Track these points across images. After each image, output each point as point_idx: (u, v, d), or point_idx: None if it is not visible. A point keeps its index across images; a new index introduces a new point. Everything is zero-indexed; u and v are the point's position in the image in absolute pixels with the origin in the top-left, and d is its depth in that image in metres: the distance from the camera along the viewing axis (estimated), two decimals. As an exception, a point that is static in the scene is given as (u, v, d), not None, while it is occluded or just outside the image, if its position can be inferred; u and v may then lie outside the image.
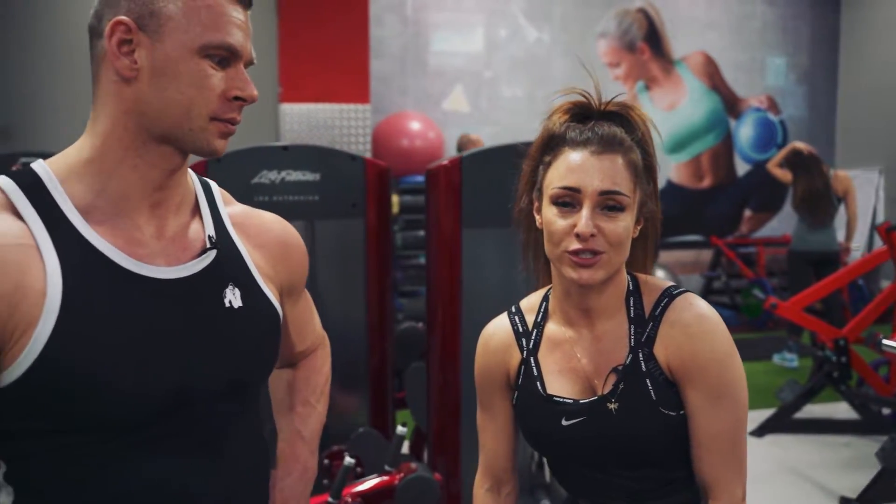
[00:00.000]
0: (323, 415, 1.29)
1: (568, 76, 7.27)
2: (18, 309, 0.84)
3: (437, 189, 2.43)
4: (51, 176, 0.92)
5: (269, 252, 1.10)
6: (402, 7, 6.89)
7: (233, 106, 0.94)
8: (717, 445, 1.13)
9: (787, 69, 7.84)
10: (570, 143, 1.14)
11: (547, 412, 1.18)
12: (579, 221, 1.08)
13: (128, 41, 0.90)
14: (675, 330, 1.14)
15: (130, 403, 0.89)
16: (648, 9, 7.41)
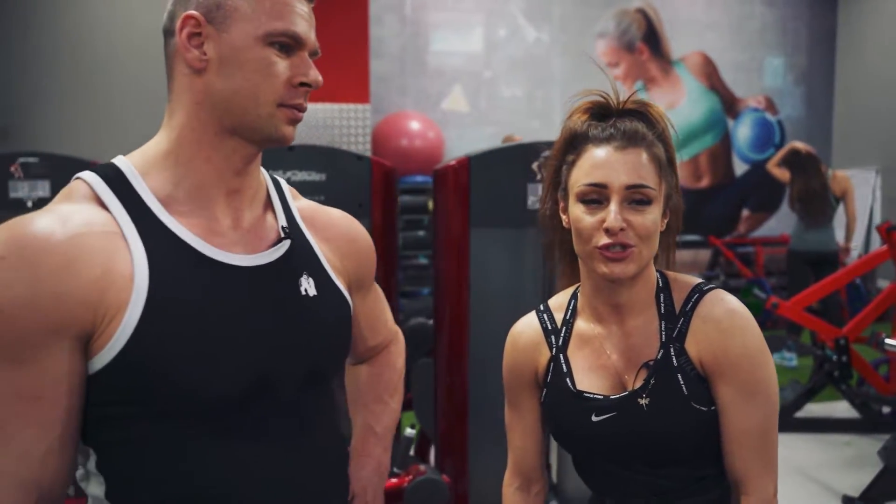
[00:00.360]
0: (397, 411, 1.30)
1: (567, 76, 7.29)
2: (108, 294, 0.86)
3: (446, 189, 2.43)
4: (132, 169, 0.95)
5: (336, 246, 1.13)
6: (401, 7, 6.88)
7: (298, 92, 0.96)
8: (748, 441, 1.13)
9: (784, 70, 7.87)
10: (594, 140, 1.14)
11: (577, 408, 1.18)
12: (608, 216, 1.09)
13: (197, 34, 0.93)
14: (707, 325, 1.14)
15: (218, 387, 0.91)
16: (647, 9, 7.43)
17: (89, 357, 0.87)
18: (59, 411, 0.86)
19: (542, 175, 1.30)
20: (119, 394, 0.89)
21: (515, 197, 2.46)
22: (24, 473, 0.85)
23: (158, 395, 0.89)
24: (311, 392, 1.03)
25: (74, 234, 0.86)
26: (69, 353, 0.86)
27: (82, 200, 0.91)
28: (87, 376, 0.88)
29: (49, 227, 0.85)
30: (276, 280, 1.00)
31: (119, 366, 0.87)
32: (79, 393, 0.88)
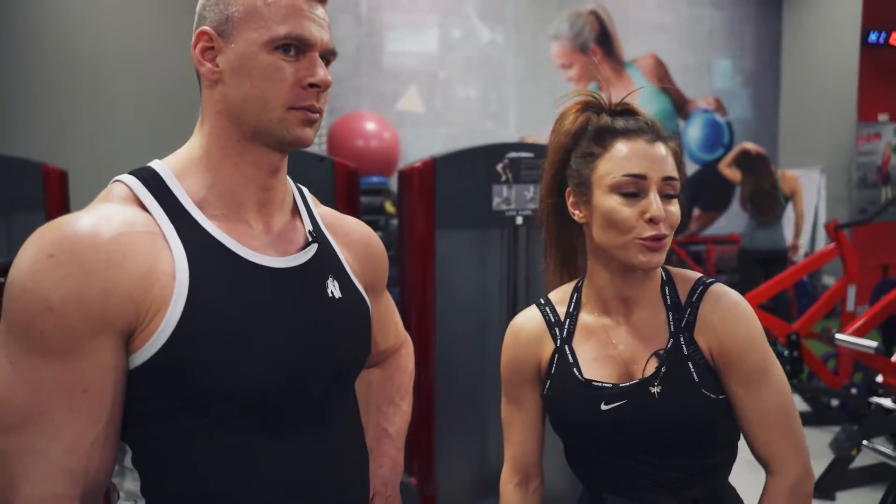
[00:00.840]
0: (408, 413, 1.33)
1: (521, 77, 7.33)
2: (152, 290, 0.90)
3: (411, 190, 2.43)
4: (168, 172, 0.99)
5: (354, 251, 1.17)
6: (356, 7, 6.84)
7: (309, 93, 0.98)
8: (769, 422, 1.17)
9: (732, 72, 8.04)
10: (624, 132, 1.16)
11: (584, 397, 1.19)
12: (650, 207, 1.12)
13: (210, 48, 0.98)
14: (715, 315, 1.18)
15: (254, 385, 0.94)
16: (600, 11, 7.52)
17: (130, 353, 0.91)
18: (106, 404, 0.89)
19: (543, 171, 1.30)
20: (157, 390, 0.92)
21: (480, 198, 2.47)
22: (72, 463, 0.88)
23: (195, 393, 0.92)
24: (336, 392, 1.07)
25: (120, 232, 0.90)
26: (114, 348, 0.89)
27: (122, 202, 0.95)
28: (126, 371, 0.92)
29: (95, 226, 0.89)
30: (305, 282, 1.04)
31: (159, 362, 0.90)
32: (122, 387, 0.91)
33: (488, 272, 2.58)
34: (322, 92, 0.99)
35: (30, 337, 0.86)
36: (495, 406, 2.63)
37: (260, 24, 0.95)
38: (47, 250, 0.86)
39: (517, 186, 2.49)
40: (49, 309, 0.85)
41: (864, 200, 7.40)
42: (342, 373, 1.08)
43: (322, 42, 0.99)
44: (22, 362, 0.86)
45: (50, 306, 0.85)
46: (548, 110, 6.65)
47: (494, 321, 2.61)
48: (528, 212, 2.52)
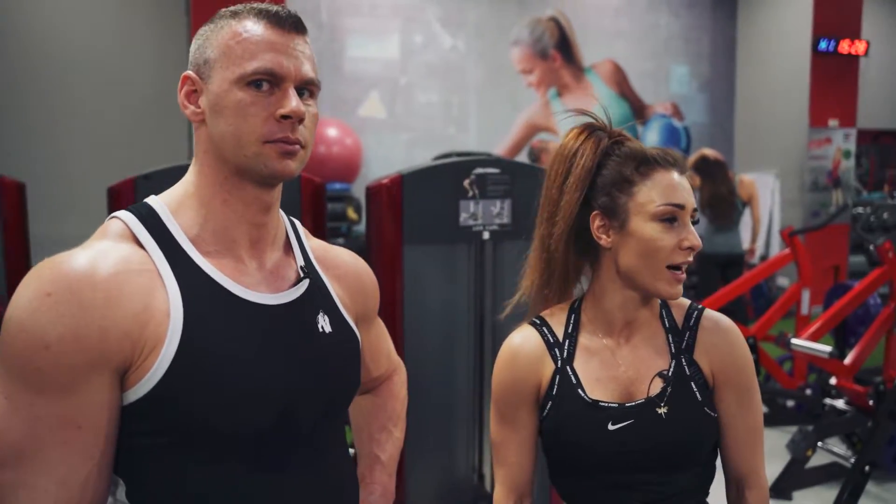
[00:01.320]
0: (400, 440, 1.35)
1: (482, 83, 7.38)
2: (147, 328, 0.91)
3: (379, 206, 2.44)
4: (164, 208, 1.01)
5: (345, 283, 1.19)
6: (316, 12, 6.82)
7: (283, 125, 0.98)
8: (752, 438, 1.26)
9: (689, 77, 8.19)
10: (662, 163, 1.21)
11: (591, 418, 1.20)
12: (689, 236, 1.19)
13: (194, 91, 1.01)
14: (715, 337, 1.26)
15: (247, 421, 0.96)
16: (560, 17, 7.60)
17: (124, 389, 0.92)
18: (99, 440, 0.91)
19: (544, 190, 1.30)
20: (151, 425, 0.93)
21: (448, 214, 2.49)
22: (65, 498, 0.89)
23: (189, 429, 0.93)
24: (326, 425, 1.08)
25: (116, 270, 0.91)
26: (109, 385, 0.90)
27: (119, 238, 0.96)
28: (121, 407, 0.93)
29: (92, 264, 0.91)
30: (297, 318, 1.05)
31: (153, 399, 0.91)
32: (116, 423, 0.92)
33: (456, 287, 2.60)
34: (297, 123, 0.98)
35: (26, 374, 0.87)
36: (464, 419, 2.66)
37: (232, 62, 0.97)
38: (45, 288, 0.88)
39: (484, 202, 2.51)
40: (46, 347, 0.86)
41: (815, 203, 7.62)
42: (332, 407, 1.10)
43: (296, 73, 0.98)
44: (18, 398, 0.87)
45: (47, 344, 0.86)
46: (508, 115, 6.72)
47: (462, 335, 2.63)
48: (495, 227, 2.55)
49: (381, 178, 2.46)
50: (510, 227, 2.56)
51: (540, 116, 7.62)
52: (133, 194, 2.49)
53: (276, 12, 1.00)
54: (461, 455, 2.68)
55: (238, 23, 0.99)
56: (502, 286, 2.63)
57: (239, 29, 0.98)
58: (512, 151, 7.48)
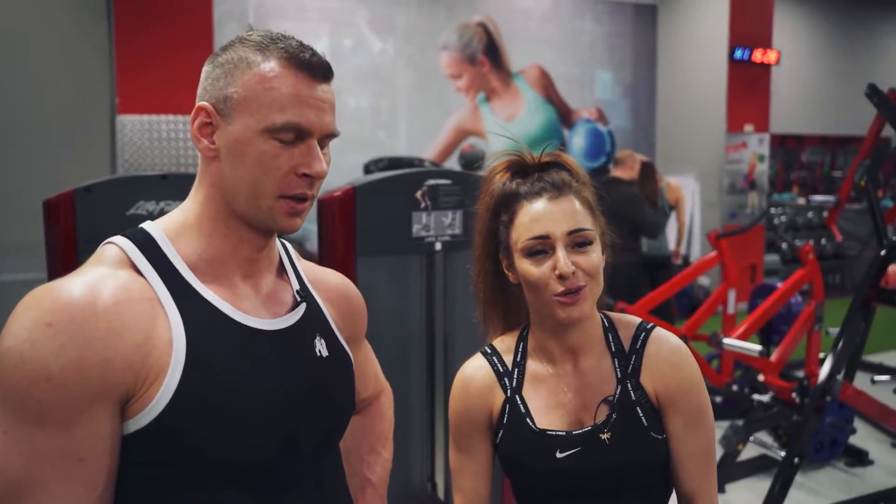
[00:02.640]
0: (389, 461, 1.35)
1: (412, 87, 7.38)
2: (149, 358, 0.89)
3: (332, 218, 2.42)
4: (161, 235, 0.98)
5: (336, 306, 1.18)
6: (243, 15, 6.68)
7: (301, 182, 0.97)
8: (700, 460, 1.24)
9: (613, 83, 8.40)
10: (526, 196, 1.21)
11: (540, 446, 1.22)
12: (558, 263, 1.15)
13: (209, 123, 0.97)
14: (659, 361, 1.24)
15: (251, 450, 0.95)
16: (488, 23, 7.67)
17: (124, 419, 0.90)
18: (102, 472, 0.88)
19: (477, 227, 1.33)
20: (152, 456, 0.91)
21: (401, 225, 2.49)
22: None
23: (191, 459, 0.92)
24: (325, 451, 1.08)
25: (117, 299, 0.89)
26: (111, 416, 0.88)
27: (116, 265, 0.93)
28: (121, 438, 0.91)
29: (92, 293, 0.88)
30: (296, 343, 1.05)
31: (155, 429, 0.89)
32: (118, 454, 0.90)
33: (408, 298, 2.61)
34: (316, 181, 0.99)
35: (26, 406, 0.84)
36: (417, 428, 2.67)
37: (258, 109, 0.94)
38: (45, 318, 0.85)
39: (436, 213, 2.53)
40: (48, 379, 0.84)
41: (733, 205, 7.95)
42: (332, 432, 1.10)
43: (321, 127, 0.97)
44: (16, 432, 0.84)
45: (49, 376, 0.84)
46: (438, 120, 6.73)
47: (414, 346, 2.64)
48: (447, 237, 2.56)
49: (333, 190, 2.44)
50: (462, 238, 2.58)
51: (469, 121, 7.68)
52: (72, 207, 2.39)
53: (308, 60, 0.98)
54: (415, 464, 2.69)
55: (266, 63, 0.95)
56: (453, 297, 2.65)
57: (268, 73, 0.95)
58: (442, 155, 7.52)
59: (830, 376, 3.24)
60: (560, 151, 1.30)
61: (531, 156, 1.27)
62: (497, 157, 1.30)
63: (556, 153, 1.28)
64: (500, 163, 1.29)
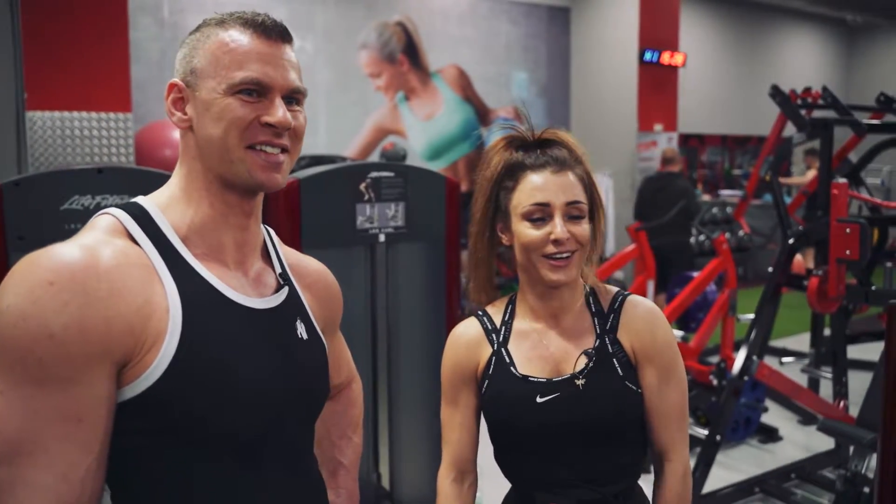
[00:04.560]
0: (359, 445, 1.39)
1: (331, 86, 7.36)
2: (149, 322, 0.90)
3: (276, 211, 2.41)
4: (154, 208, 1.00)
5: (314, 292, 1.21)
6: (157, 9, 6.50)
7: (266, 131, 1.00)
8: (674, 414, 1.36)
9: (528, 83, 8.60)
10: (531, 167, 1.32)
11: (521, 392, 1.32)
12: (555, 229, 1.28)
13: (180, 98, 1.02)
14: (636, 319, 1.36)
15: (242, 422, 0.97)
16: (406, 22, 7.72)
17: (120, 385, 0.90)
18: (99, 433, 0.89)
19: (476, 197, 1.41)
20: (144, 424, 0.91)
21: (345, 217, 2.50)
22: (66, 494, 0.86)
23: (186, 428, 0.93)
24: (305, 429, 1.12)
25: (117, 262, 0.90)
26: (109, 378, 0.89)
27: (113, 234, 0.95)
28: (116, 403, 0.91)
29: (92, 255, 0.89)
30: (280, 324, 1.08)
31: (152, 395, 0.90)
32: (112, 419, 0.90)
33: (353, 290, 2.62)
34: (282, 132, 1.00)
35: (26, 364, 0.84)
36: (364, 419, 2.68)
37: (219, 71, 0.98)
38: (46, 277, 0.85)
39: (379, 205, 2.55)
40: (50, 336, 0.84)
41: (644, 201, 8.26)
42: (311, 412, 1.14)
43: (283, 82, 1.00)
44: (15, 391, 0.84)
45: (51, 333, 0.84)
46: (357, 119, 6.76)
47: (359, 337, 2.66)
48: (390, 229, 2.59)
49: (278, 183, 2.43)
50: (405, 230, 2.62)
51: (389, 120, 7.71)
52: (1, 202, 2.29)
53: (263, 21, 1.02)
54: (361, 455, 2.70)
55: (225, 32, 1.00)
56: (397, 289, 2.69)
57: (226, 38, 1.00)
58: (362, 154, 7.52)
59: (748, 357, 3.44)
60: (559, 130, 1.40)
61: (531, 133, 1.38)
62: (499, 132, 1.41)
63: (554, 131, 1.39)
64: (502, 137, 1.39)
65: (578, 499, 1.31)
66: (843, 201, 3.43)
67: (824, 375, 4.34)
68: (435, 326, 2.73)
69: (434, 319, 2.75)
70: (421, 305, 2.75)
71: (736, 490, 3.68)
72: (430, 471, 2.84)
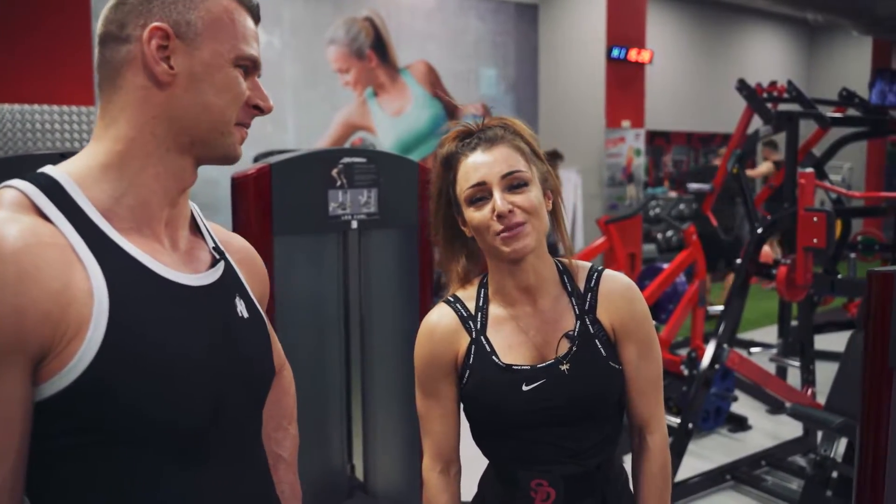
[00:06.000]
0: (297, 437, 1.30)
1: (299, 81, 7.29)
2: (69, 309, 0.80)
3: (246, 197, 2.37)
4: (68, 180, 0.87)
5: (245, 268, 1.12)
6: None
7: (250, 113, 0.99)
8: (651, 387, 1.36)
9: (497, 80, 8.61)
10: (463, 152, 1.31)
11: (506, 382, 1.29)
12: (495, 204, 1.24)
13: (163, 47, 0.91)
14: (614, 296, 1.34)
15: (185, 407, 0.88)
16: (374, 18, 7.68)
17: (38, 382, 0.80)
18: (14, 440, 0.78)
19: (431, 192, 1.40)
20: (70, 423, 0.81)
21: (317, 203, 2.47)
22: None
23: (116, 424, 0.83)
24: (251, 415, 1.04)
25: (27, 243, 0.78)
26: (23, 375, 0.78)
27: (19, 210, 0.82)
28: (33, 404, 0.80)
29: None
30: (218, 301, 0.99)
31: (78, 390, 0.80)
32: (30, 421, 0.80)
33: (325, 277, 2.59)
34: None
35: None
36: (335, 410, 2.65)
37: (227, 38, 0.94)
38: None
39: (352, 191, 2.52)
40: None
41: (613, 197, 8.31)
42: (257, 395, 1.05)
43: (261, 65, 1.02)
44: None
45: None
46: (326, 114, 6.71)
47: (331, 326, 2.62)
48: (363, 216, 2.57)
49: (248, 169, 2.39)
50: (377, 216, 2.59)
51: (357, 115, 7.66)
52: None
53: (256, 5, 1.02)
54: (335, 446, 2.67)
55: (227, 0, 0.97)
56: (369, 276, 2.66)
57: (230, 7, 0.96)
58: (331, 150, 7.46)
59: (719, 345, 3.47)
60: (503, 116, 1.39)
61: (476, 124, 1.37)
62: (448, 129, 1.40)
63: (499, 117, 1.38)
64: (450, 133, 1.38)
65: (562, 474, 1.30)
66: (809, 191, 3.48)
67: (792, 364, 4.40)
68: (408, 314, 2.71)
69: (407, 307, 2.73)
70: (394, 293, 2.72)
71: (707, 478, 3.72)
72: (405, 461, 2.82)
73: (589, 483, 1.31)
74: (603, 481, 1.33)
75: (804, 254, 3.48)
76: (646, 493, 1.38)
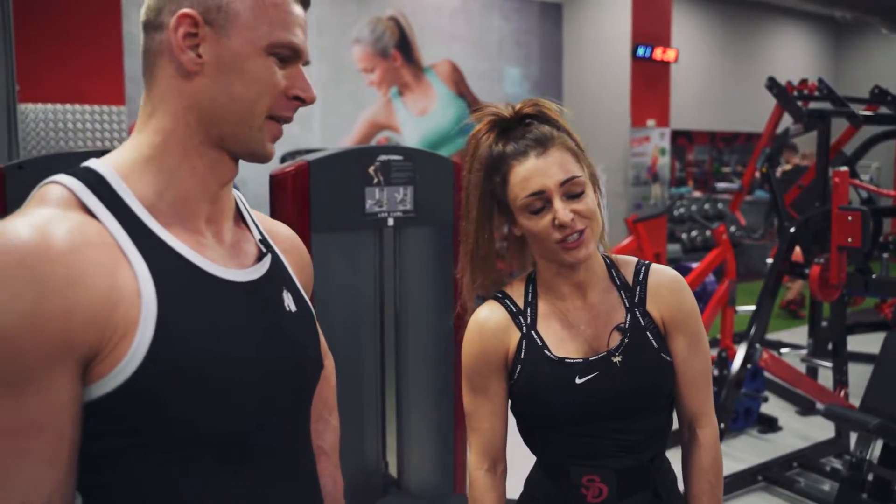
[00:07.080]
0: (337, 428, 1.28)
1: (326, 81, 7.33)
2: (117, 310, 0.78)
3: (284, 195, 2.38)
4: (113, 174, 0.85)
5: (292, 258, 1.09)
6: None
7: (290, 105, 0.93)
8: (702, 381, 1.36)
9: (521, 79, 8.60)
10: (514, 156, 1.27)
11: (559, 374, 1.29)
12: (557, 215, 1.22)
13: (192, 34, 0.87)
14: (663, 289, 1.35)
15: (234, 410, 0.86)
16: (399, 17, 7.70)
17: (87, 383, 0.78)
18: (64, 445, 0.76)
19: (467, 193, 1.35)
20: (119, 425, 0.80)
21: (354, 201, 2.48)
22: None
23: (164, 426, 0.81)
24: (300, 414, 1.02)
25: (74, 243, 0.76)
26: (72, 378, 0.76)
27: (63, 206, 0.80)
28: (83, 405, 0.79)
29: (43, 234, 0.75)
30: (266, 297, 0.96)
31: (126, 392, 0.78)
32: (79, 424, 0.78)
33: (362, 275, 2.60)
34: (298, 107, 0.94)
35: None
36: (370, 406, 2.66)
37: (262, 24, 0.88)
38: None
39: (388, 188, 2.53)
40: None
41: (637, 196, 8.28)
42: (305, 392, 1.03)
43: (307, 52, 0.94)
44: None
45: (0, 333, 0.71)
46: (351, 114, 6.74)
47: (368, 323, 2.63)
48: (399, 213, 2.57)
49: (286, 166, 2.41)
50: (413, 214, 2.60)
51: (382, 115, 7.69)
52: (2, 184, 2.26)
53: None
54: (370, 443, 2.68)
55: None
56: (405, 273, 2.67)
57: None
58: (356, 150, 7.49)
59: (751, 345, 3.44)
60: (539, 100, 1.34)
61: (511, 110, 1.32)
62: (477, 119, 1.35)
63: (534, 102, 1.34)
64: (482, 125, 1.34)
65: (615, 468, 1.30)
66: (844, 189, 3.44)
67: (824, 364, 4.36)
68: (444, 312, 2.71)
69: (443, 305, 2.73)
70: (429, 291, 2.73)
71: (739, 479, 3.69)
72: (438, 458, 2.83)
73: (642, 476, 1.31)
74: (655, 474, 1.33)
75: (838, 253, 3.45)
76: (697, 487, 1.37)
